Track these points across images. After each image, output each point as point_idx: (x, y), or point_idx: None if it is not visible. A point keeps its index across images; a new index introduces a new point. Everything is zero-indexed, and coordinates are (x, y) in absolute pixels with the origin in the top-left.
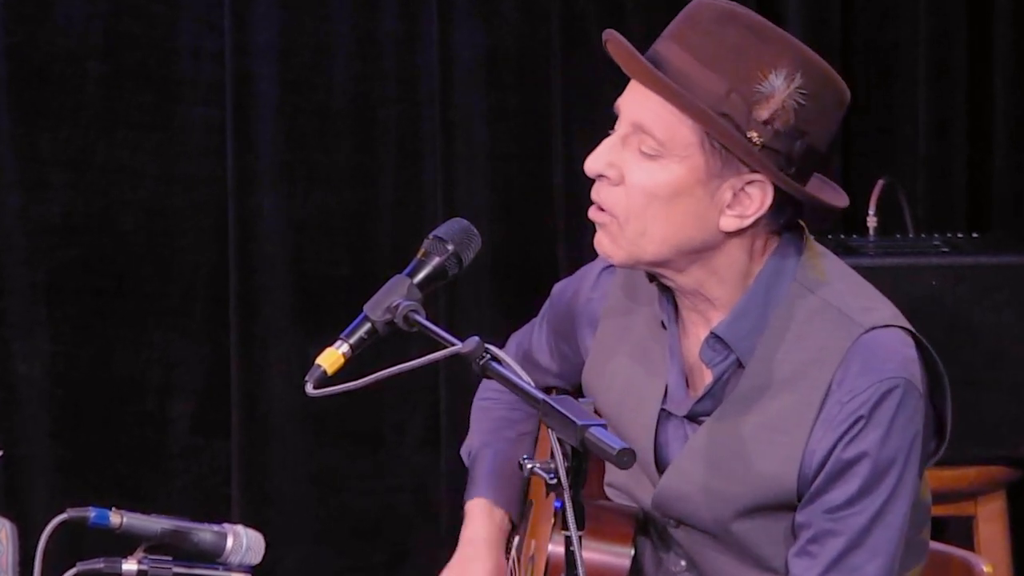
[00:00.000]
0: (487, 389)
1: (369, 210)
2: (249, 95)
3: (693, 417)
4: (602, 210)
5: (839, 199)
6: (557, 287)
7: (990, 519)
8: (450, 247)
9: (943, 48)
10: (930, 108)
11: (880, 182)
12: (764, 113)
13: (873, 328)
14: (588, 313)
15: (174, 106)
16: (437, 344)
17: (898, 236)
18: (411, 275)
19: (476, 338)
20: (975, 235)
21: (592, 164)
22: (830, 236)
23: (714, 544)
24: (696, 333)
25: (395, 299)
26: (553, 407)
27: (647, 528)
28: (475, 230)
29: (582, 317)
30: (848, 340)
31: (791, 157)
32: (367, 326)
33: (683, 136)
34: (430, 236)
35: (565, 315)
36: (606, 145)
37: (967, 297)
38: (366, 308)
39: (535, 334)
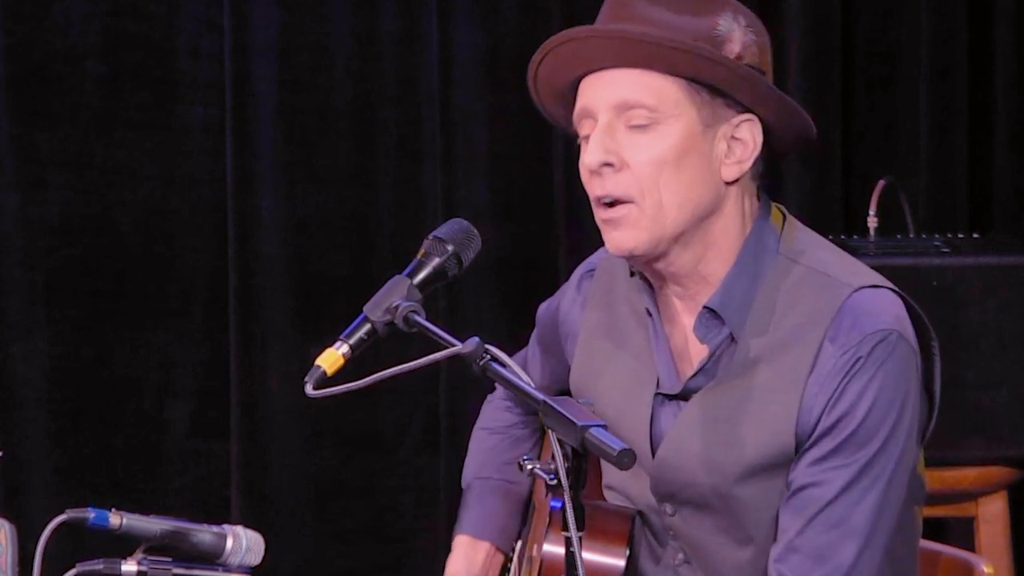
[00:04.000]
0: (487, 418)
1: (369, 210)
2: (248, 95)
3: (686, 395)
4: (611, 206)
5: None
6: (541, 308)
7: (991, 520)
8: (450, 248)
9: (944, 48)
10: (931, 108)
11: (881, 182)
12: (735, 48)
13: (862, 288)
14: (571, 322)
15: (173, 106)
16: (437, 345)
17: (899, 236)
18: (411, 276)
19: (476, 339)
20: (976, 235)
21: (591, 157)
22: (830, 237)
23: (713, 523)
24: (682, 318)
25: (395, 300)
26: (553, 407)
27: (644, 526)
28: (475, 230)
29: (566, 326)
30: (838, 300)
31: None
32: (367, 327)
33: (671, 93)
34: (430, 237)
35: (551, 330)
36: (596, 138)
37: (968, 298)
38: (366, 309)
39: (528, 356)
